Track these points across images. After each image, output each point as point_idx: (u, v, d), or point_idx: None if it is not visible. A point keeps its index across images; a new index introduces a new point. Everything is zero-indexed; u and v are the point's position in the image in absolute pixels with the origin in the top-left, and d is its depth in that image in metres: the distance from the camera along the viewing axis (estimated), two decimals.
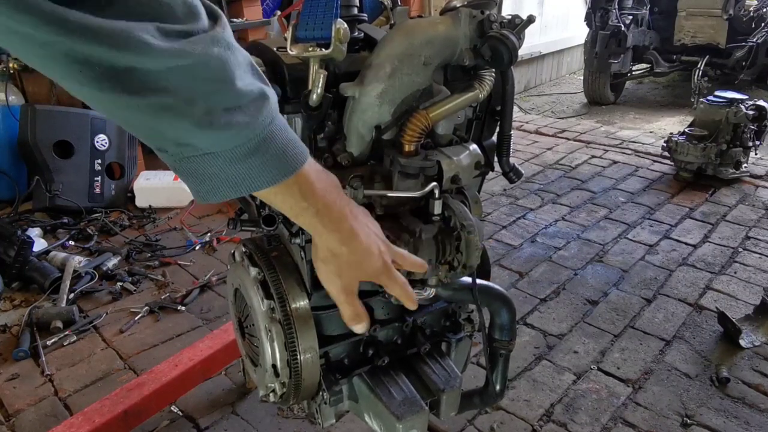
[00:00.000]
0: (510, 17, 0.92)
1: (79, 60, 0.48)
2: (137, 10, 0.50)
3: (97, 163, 3.26)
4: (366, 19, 1.04)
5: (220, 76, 0.55)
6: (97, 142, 3.26)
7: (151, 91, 0.52)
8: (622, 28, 5.63)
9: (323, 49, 0.82)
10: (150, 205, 3.27)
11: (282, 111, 0.90)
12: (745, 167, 3.69)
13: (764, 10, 5.74)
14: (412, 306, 0.82)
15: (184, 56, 0.52)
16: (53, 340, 2.13)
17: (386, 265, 0.77)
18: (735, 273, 2.63)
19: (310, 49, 0.82)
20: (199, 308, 2.36)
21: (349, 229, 0.71)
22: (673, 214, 3.25)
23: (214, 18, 0.57)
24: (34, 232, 2.82)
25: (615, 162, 4.08)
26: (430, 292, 1.00)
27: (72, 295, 2.38)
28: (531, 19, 0.90)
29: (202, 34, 0.54)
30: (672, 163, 3.79)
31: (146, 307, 2.32)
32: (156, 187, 3.26)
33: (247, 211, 1.16)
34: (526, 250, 2.86)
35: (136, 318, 2.27)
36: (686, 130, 3.68)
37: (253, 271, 1.00)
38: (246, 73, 0.59)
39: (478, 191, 1.11)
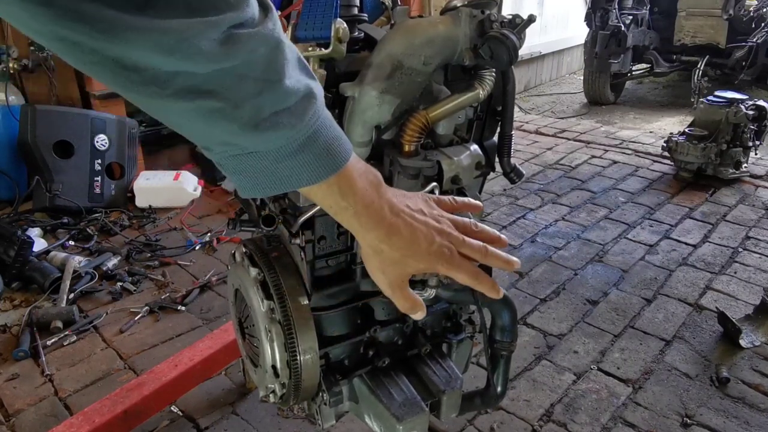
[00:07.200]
0: (511, 17, 0.91)
1: (128, 66, 0.48)
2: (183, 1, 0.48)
3: (97, 163, 3.26)
4: (366, 18, 1.03)
5: (267, 76, 0.54)
6: (97, 142, 3.26)
7: (197, 95, 0.51)
8: (622, 28, 5.63)
9: (323, 49, 0.82)
10: (150, 205, 3.27)
11: None
12: (745, 167, 3.69)
13: (764, 10, 5.73)
14: (495, 294, 0.73)
15: (232, 58, 0.51)
16: (53, 340, 2.13)
17: (442, 254, 0.69)
18: (735, 273, 2.62)
19: (310, 48, 0.82)
20: (199, 308, 2.36)
21: (387, 226, 0.68)
22: (673, 214, 3.24)
23: (264, 9, 0.55)
24: (34, 232, 2.82)
25: (615, 162, 4.08)
26: (430, 293, 0.99)
27: (72, 295, 2.37)
28: (532, 19, 0.89)
29: (251, 29, 0.52)
30: (672, 163, 3.80)
31: (146, 307, 2.32)
32: (156, 187, 3.26)
33: (247, 211, 1.16)
34: (526, 250, 2.86)
35: (136, 318, 2.27)
36: (686, 130, 3.68)
37: (253, 271, 0.99)
38: (294, 70, 0.57)
39: (479, 192, 1.11)
